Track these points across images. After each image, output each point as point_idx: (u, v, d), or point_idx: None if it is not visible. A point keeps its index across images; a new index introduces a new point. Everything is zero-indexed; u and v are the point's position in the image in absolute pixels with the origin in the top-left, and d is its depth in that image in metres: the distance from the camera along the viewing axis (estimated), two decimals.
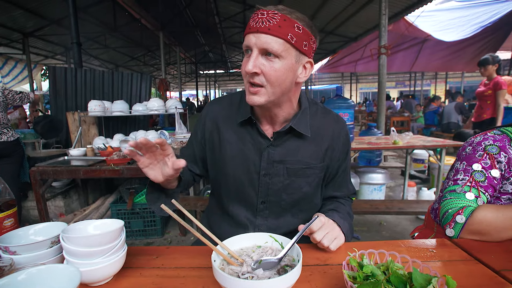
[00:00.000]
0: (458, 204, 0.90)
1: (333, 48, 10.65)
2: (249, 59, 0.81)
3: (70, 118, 3.59)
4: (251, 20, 0.81)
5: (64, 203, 3.27)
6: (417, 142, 3.01)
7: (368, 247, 0.70)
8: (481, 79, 4.21)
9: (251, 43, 0.80)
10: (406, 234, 2.92)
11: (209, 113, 1.04)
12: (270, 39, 0.78)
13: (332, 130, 0.99)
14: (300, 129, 0.92)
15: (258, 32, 0.78)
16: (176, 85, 18.73)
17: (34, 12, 7.53)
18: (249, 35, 0.81)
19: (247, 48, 0.82)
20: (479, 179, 0.93)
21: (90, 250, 0.65)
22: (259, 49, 0.80)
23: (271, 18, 0.78)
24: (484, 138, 1.00)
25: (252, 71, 0.80)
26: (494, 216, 0.83)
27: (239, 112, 0.98)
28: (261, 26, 0.78)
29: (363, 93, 29.29)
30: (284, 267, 0.68)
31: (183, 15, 9.72)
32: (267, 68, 0.80)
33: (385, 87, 4.80)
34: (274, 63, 0.80)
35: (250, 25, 0.81)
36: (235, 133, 0.98)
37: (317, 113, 1.00)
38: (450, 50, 8.27)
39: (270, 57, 0.80)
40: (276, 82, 0.82)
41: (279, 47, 0.78)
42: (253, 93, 0.84)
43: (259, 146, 0.96)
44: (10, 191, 0.84)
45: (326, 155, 0.98)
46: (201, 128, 1.05)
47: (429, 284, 0.54)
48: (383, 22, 4.67)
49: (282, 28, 0.78)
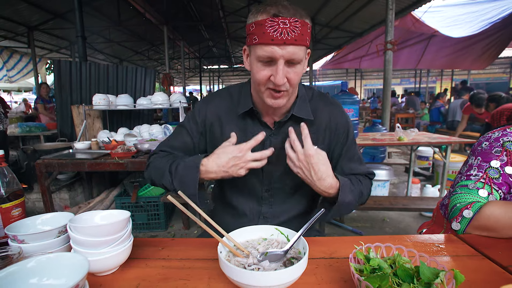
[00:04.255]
0: (467, 199, 0.89)
1: (338, 43, 10.54)
2: (273, 70, 0.81)
3: (75, 111, 3.60)
4: (271, 30, 0.76)
5: (69, 195, 3.31)
6: (422, 139, 2.99)
7: (374, 241, 0.70)
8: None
9: (277, 55, 0.78)
10: (409, 231, 2.92)
11: (209, 106, 1.03)
12: (297, 50, 0.78)
13: (328, 111, 1.00)
14: (302, 114, 0.94)
15: (285, 45, 0.76)
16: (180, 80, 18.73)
17: (39, 5, 7.53)
18: (272, 47, 0.77)
19: (270, 59, 0.80)
20: (493, 176, 0.90)
21: (97, 240, 0.66)
22: (286, 60, 0.79)
23: (294, 27, 0.76)
24: (503, 134, 0.96)
25: (283, 83, 0.81)
26: (503, 213, 0.81)
27: (239, 104, 0.99)
28: (288, 38, 0.76)
29: (368, 89, 29.07)
30: (290, 260, 0.68)
31: (188, 9, 9.67)
32: (292, 75, 0.82)
33: (391, 84, 4.76)
34: (296, 68, 0.82)
35: (271, 36, 0.76)
36: (237, 125, 0.99)
37: (313, 97, 1.02)
38: (457, 47, 8.14)
39: (293, 64, 0.81)
40: (296, 84, 0.86)
41: (302, 54, 0.81)
42: (277, 97, 0.86)
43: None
44: (17, 181, 0.85)
45: (326, 135, 0.99)
46: (199, 120, 1.02)
47: (436, 277, 0.54)
48: (389, 17, 4.61)
49: (304, 36, 0.78)
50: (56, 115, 4.40)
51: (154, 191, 3.02)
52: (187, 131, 1.03)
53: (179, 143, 1.03)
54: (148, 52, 14.00)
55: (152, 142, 2.84)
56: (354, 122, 2.88)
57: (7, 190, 0.81)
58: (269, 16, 0.77)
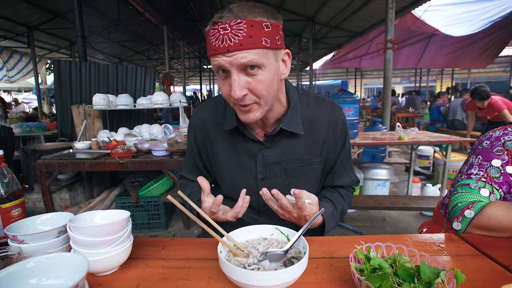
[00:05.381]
0: (469, 199, 0.88)
1: (338, 43, 10.54)
2: (230, 83, 0.72)
3: (75, 111, 3.61)
4: (213, 38, 0.69)
5: (69, 195, 3.31)
6: (422, 138, 2.99)
7: (374, 240, 0.70)
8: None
9: (225, 65, 0.70)
10: (410, 230, 2.92)
11: (196, 122, 1.01)
12: (246, 54, 0.69)
13: (327, 120, 0.93)
14: (291, 128, 0.87)
15: (229, 52, 0.68)
16: (180, 80, 18.72)
17: (39, 5, 7.52)
18: (218, 57, 0.70)
19: (220, 69, 0.73)
20: (494, 175, 0.90)
21: (97, 240, 0.66)
22: (238, 68, 0.71)
23: (237, 31, 0.67)
24: (504, 133, 0.96)
25: (241, 96, 0.72)
26: (505, 214, 0.81)
27: (225, 119, 0.93)
28: (230, 45, 0.68)
29: (368, 88, 29.06)
30: (291, 259, 0.68)
31: (187, 9, 9.66)
32: (253, 85, 0.73)
33: (391, 83, 4.75)
34: (258, 76, 0.72)
35: (214, 46, 0.69)
36: (226, 139, 0.95)
37: (309, 104, 0.93)
38: (457, 46, 8.14)
39: (252, 71, 0.72)
40: (266, 93, 0.75)
41: (258, 57, 0.70)
42: (245, 111, 0.77)
43: (252, 151, 0.93)
44: (17, 181, 0.85)
45: (324, 148, 0.95)
46: (193, 138, 1.03)
47: (437, 277, 0.53)
48: (389, 16, 4.60)
49: (253, 38, 0.68)
50: (56, 115, 4.40)
51: (154, 191, 3.02)
52: (192, 150, 1.05)
53: (190, 162, 1.08)
54: (148, 51, 13.99)
55: (152, 142, 2.84)
56: (354, 121, 2.88)
57: (6, 190, 0.80)
58: (211, 25, 0.71)
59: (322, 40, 10.53)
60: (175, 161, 2.70)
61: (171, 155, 2.79)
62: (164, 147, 2.75)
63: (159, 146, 2.76)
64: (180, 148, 2.64)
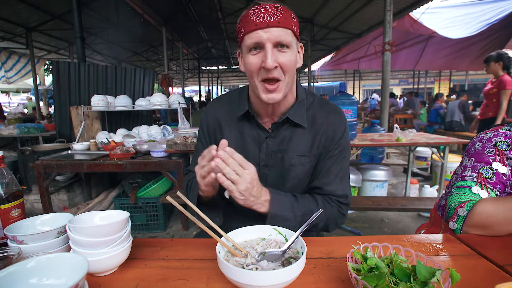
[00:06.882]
0: (462, 199, 0.90)
1: (336, 44, 10.58)
2: (262, 56, 0.82)
3: (74, 112, 3.60)
4: (254, 16, 0.81)
5: (67, 196, 3.30)
6: (420, 140, 3.00)
7: (371, 241, 0.71)
8: (487, 77, 4.18)
9: (263, 39, 0.81)
10: (408, 231, 2.93)
11: (210, 112, 1.06)
12: (282, 32, 0.80)
13: (327, 120, 0.98)
14: (296, 119, 0.95)
15: (268, 27, 0.79)
16: (179, 81, 18.72)
17: (37, 6, 7.52)
18: (257, 32, 0.81)
19: (257, 45, 0.83)
20: (487, 176, 0.92)
21: (96, 240, 0.66)
22: (273, 43, 0.81)
23: (276, 11, 0.80)
24: (495, 134, 0.98)
25: (273, 66, 0.81)
26: (494, 208, 0.82)
27: (238, 107, 1.00)
28: (270, 21, 0.79)
29: (366, 90, 29.14)
30: (289, 259, 0.69)
31: (186, 10, 9.67)
32: (282, 59, 0.83)
33: (389, 84, 4.77)
34: (287, 54, 0.83)
35: (255, 22, 0.81)
36: (236, 128, 1.00)
37: (313, 104, 1.01)
38: (455, 48, 8.18)
39: (282, 49, 0.83)
40: (290, 72, 0.85)
41: (290, 38, 0.82)
42: (271, 90, 0.85)
43: (258, 139, 0.98)
44: (17, 182, 0.85)
45: (320, 142, 0.98)
46: (205, 129, 1.07)
47: (433, 276, 0.54)
48: (387, 19, 4.64)
49: (287, 20, 0.81)
50: (54, 116, 4.39)
51: (153, 192, 3.02)
52: (202, 144, 1.08)
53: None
54: (147, 53, 13.98)
55: (150, 143, 2.84)
56: (353, 123, 2.89)
57: (6, 191, 0.81)
58: (252, 7, 0.83)
59: (321, 41, 10.57)
60: (174, 162, 2.70)
61: (169, 156, 2.79)
62: (162, 148, 2.75)
63: (158, 147, 2.76)
64: (178, 149, 2.65)
